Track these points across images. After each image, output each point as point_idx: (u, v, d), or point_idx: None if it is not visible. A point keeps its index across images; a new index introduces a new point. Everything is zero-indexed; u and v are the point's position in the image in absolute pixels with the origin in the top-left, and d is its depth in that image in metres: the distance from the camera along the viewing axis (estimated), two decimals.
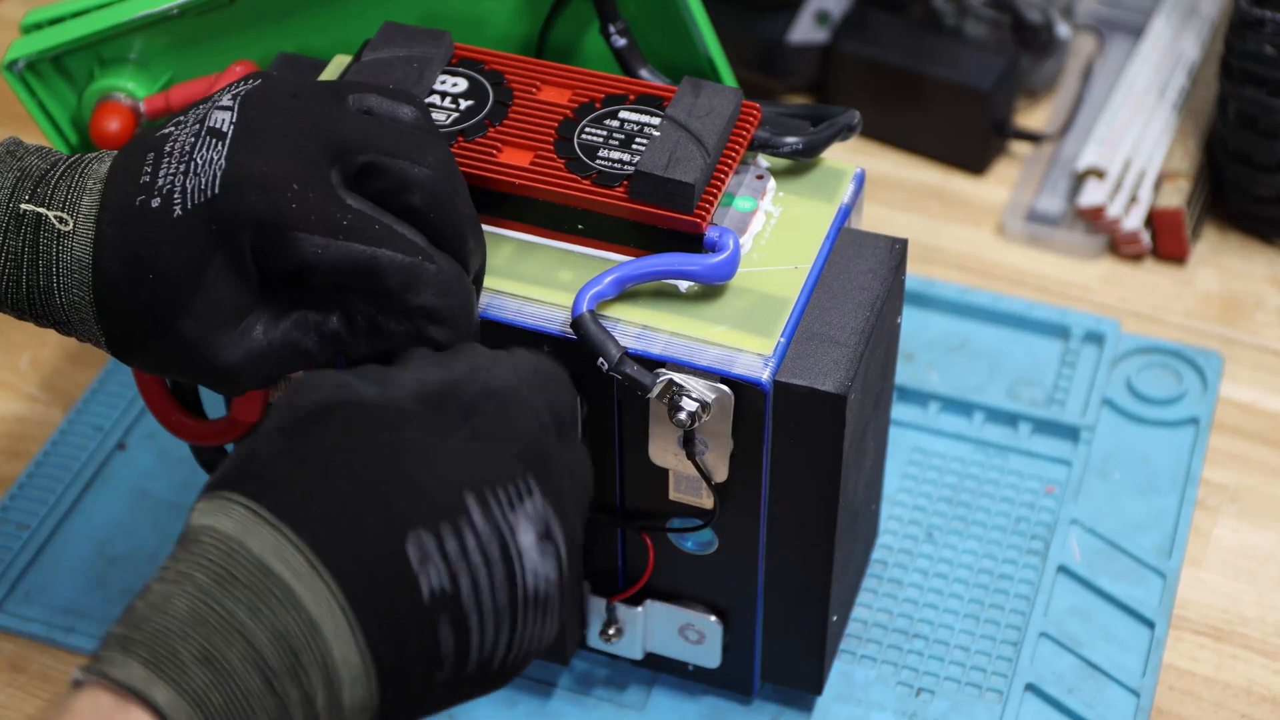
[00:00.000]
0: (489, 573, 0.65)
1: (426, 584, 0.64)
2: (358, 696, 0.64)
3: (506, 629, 0.66)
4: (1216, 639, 0.95)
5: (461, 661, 0.65)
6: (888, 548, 0.98)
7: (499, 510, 0.66)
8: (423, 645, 0.64)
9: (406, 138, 0.74)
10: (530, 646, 0.68)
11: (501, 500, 0.66)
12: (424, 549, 0.64)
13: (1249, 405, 1.06)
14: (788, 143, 0.84)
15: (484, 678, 0.67)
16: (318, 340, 0.74)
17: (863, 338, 0.79)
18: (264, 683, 0.61)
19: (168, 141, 0.73)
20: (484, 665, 0.66)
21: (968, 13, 1.20)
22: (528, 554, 0.66)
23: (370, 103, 0.76)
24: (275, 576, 0.62)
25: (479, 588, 0.65)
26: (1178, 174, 1.13)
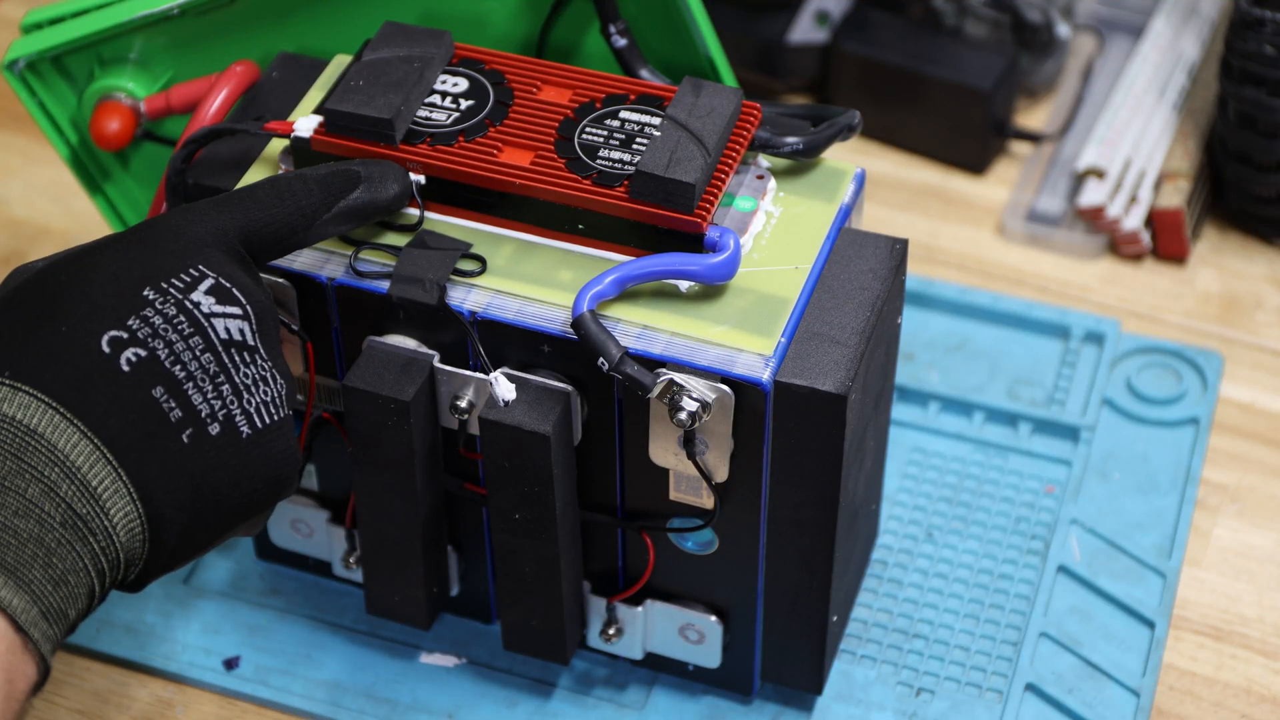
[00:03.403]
0: (179, 334, 0.70)
1: (126, 362, 0.68)
2: (102, 481, 0.67)
3: (223, 377, 0.70)
4: (1216, 639, 0.95)
5: (195, 418, 0.69)
6: (888, 548, 0.98)
7: (176, 292, 0.71)
8: (142, 407, 0.68)
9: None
10: (264, 398, 0.71)
11: (178, 285, 0.71)
12: (117, 339, 0.69)
13: (1249, 405, 1.06)
14: (788, 143, 0.84)
15: (241, 445, 0.71)
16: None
17: (863, 338, 0.79)
18: (58, 528, 0.67)
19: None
20: (229, 424, 0.70)
21: (968, 13, 1.20)
22: (209, 308, 0.71)
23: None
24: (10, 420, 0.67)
25: (175, 347, 0.69)
26: (1178, 174, 1.13)
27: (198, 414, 0.69)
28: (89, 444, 0.67)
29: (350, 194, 0.78)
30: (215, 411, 0.70)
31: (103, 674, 0.94)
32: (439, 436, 0.85)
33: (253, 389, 0.71)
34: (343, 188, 0.78)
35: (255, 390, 0.71)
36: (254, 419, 0.71)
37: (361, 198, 0.79)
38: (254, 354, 0.71)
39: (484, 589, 0.92)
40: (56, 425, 0.67)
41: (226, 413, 0.70)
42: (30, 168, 1.20)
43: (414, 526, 0.86)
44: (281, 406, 0.72)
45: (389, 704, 0.92)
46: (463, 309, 0.80)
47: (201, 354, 0.70)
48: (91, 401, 0.68)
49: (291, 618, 0.96)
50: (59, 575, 0.66)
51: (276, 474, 0.73)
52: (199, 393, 0.69)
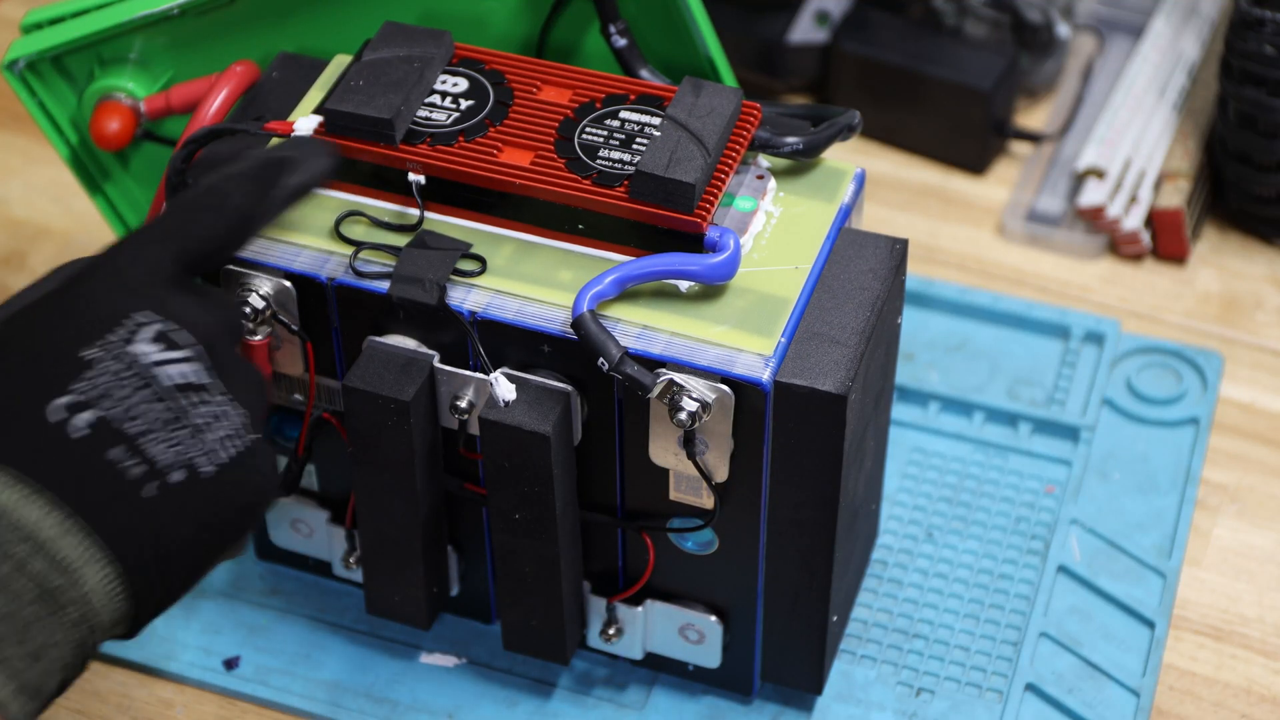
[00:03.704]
0: (128, 390, 0.69)
1: (81, 427, 0.67)
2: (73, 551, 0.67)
3: (179, 422, 0.69)
4: (1216, 639, 0.95)
5: (157, 471, 0.68)
6: (888, 548, 0.98)
7: (118, 347, 0.69)
8: (102, 470, 0.67)
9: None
10: (223, 433, 0.70)
11: (118, 339, 0.69)
12: (69, 405, 0.68)
13: (1249, 405, 1.06)
14: (788, 143, 0.84)
15: (207, 485, 0.70)
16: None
17: (863, 338, 0.79)
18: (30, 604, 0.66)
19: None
20: (191, 469, 0.69)
21: (968, 13, 1.20)
22: (153, 356, 0.70)
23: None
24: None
25: (125, 404, 0.68)
26: (1178, 174, 1.13)
27: (158, 466, 0.68)
28: (56, 515, 0.66)
29: (283, 179, 0.77)
30: (177, 460, 0.69)
31: (103, 674, 0.94)
32: (439, 436, 0.85)
33: (212, 426, 0.70)
34: (275, 175, 0.77)
35: (213, 427, 0.70)
36: (216, 455, 0.70)
37: (296, 180, 0.77)
38: (208, 391, 0.70)
39: (484, 589, 0.92)
40: (21, 500, 0.66)
41: (188, 458, 0.69)
42: (30, 168, 1.20)
43: (414, 526, 0.86)
44: (243, 436, 0.71)
45: (389, 704, 0.92)
46: (463, 309, 0.80)
47: (153, 404, 0.69)
48: (53, 472, 0.67)
49: (291, 618, 0.96)
50: (35, 650, 0.66)
51: (249, 501, 0.72)
52: (156, 444, 0.68)
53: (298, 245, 0.83)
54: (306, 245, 0.82)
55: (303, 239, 0.83)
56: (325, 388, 0.87)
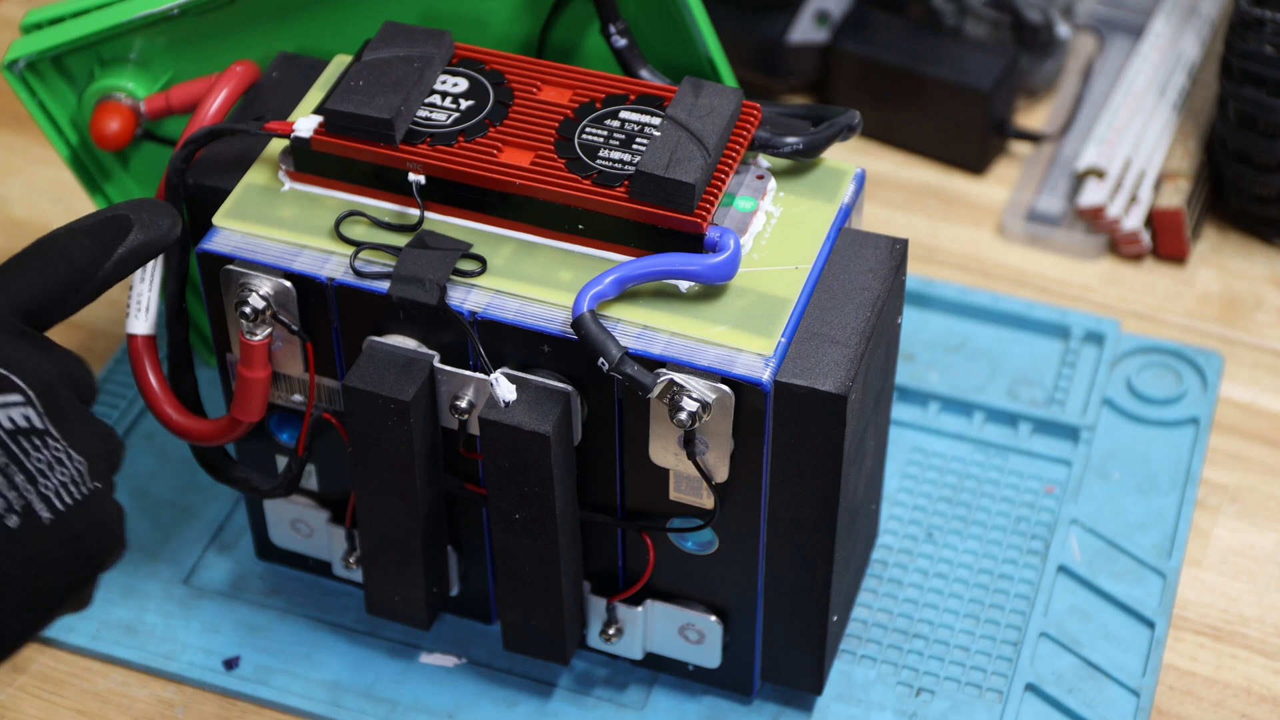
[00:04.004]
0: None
1: None
2: None
3: (14, 467, 0.68)
4: (1216, 639, 0.95)
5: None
6: (888, 548, 0.98)
7: None
8: None
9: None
10: (61, 479, 0.69)
11: None
12: None
13: (1249, 405, 1.06)
14: (788, 143, 0.84)
15: (44, 530, 0.68)
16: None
17: (863, 338, 0.79)
18: None
19: None
20: (28, 513, 0.68)
21: (968, 13, 1.20)
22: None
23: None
24: None
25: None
26: (1178, 174, 1.13)
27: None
28: None
29: (125, 239, 0.76)
30: (12, 504, 0.68)
31: (103, 674, 0.94)
32: (439, 436, 0.85)
33: (48, 473, 0.69)
34: (114, 235, 0.76)
35: (51, 473, 0.69)
36: (53, 502, 0.69)
37: (138, 239, 0.76)
38: (44, 436, 0.69)
39: (484, 589, 0.92)
40: None
41: (24, 503, 0.68)
42: (30, 168, 1.20)
43: (414, 526, 0.86)
44: (83, 483, 0.70)
45: (389, 704, 0.92)
46: (463, 309, 0.80)
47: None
48: None
49: (291, 618, 0.96)
50: None
51: (88, 549, 0.70)
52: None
53: (298, 245, 0.83)
54: (306, 245, 0.82)
55: (303, 239, 0.83)
56: (325, 388, 0.87)
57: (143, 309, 0.85)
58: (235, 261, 0.82)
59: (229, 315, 0.84)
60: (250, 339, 0.83)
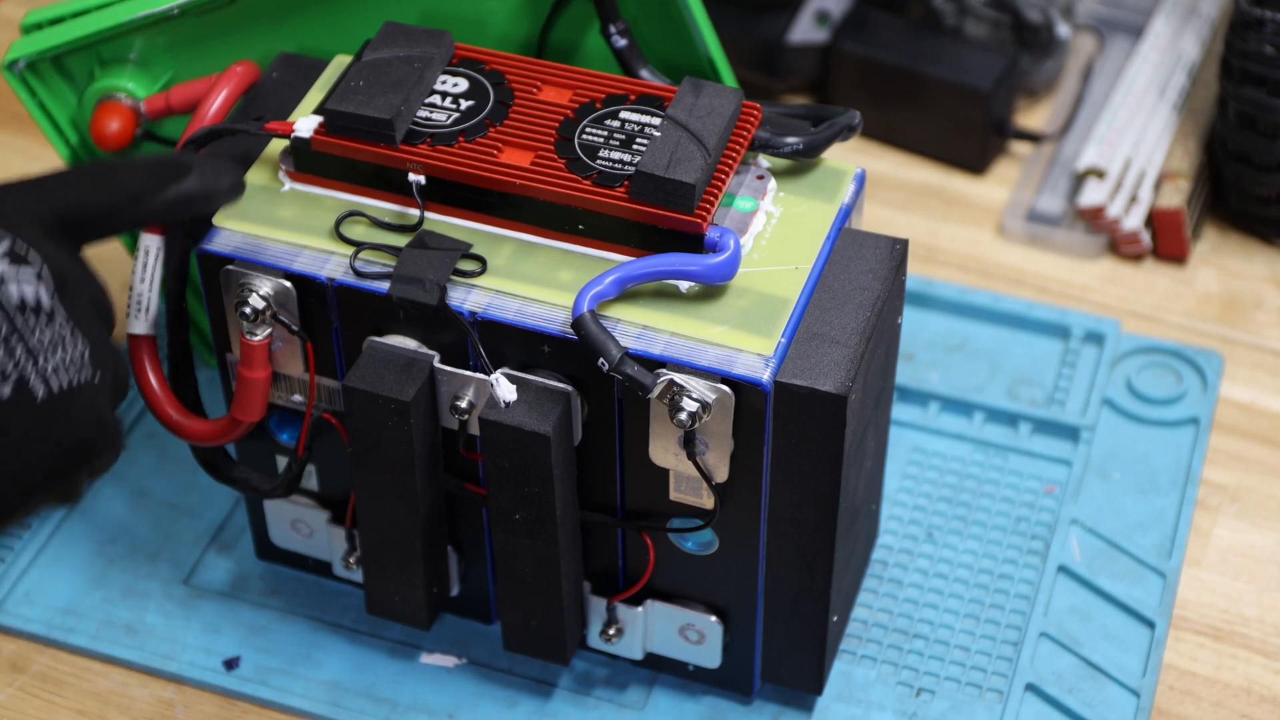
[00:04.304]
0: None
1: None
2: None
3: (15, 339, 0.69)
4: (1216, 639, 0.95)
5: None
6: (888, 548, 0.98)
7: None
8: None
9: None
10: (61, 360, 0.70)
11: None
12: None
13: (1249, 405, 1.06)
14: (788, 143, 0.84)
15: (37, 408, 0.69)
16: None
17: (863, 338, 0.79)
18: None
19: None
20: (21, 387, 0.69)
21: (968, 13, 1.20)
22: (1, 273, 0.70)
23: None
24: None
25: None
26: (1178, 174, 1.13)
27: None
28: None
29: (179, 183, 0.77)
30: (7, 374, 0.69)
31: (103, 674, 0.94)
32: (439, 437, 0.85)
33: (49, 351, 0.70)
34: (170, 175, 0.77)
35: (52, 353, 0.70)
36: (50, 382, 0.70)
37: (192, 187, 0.77)
38: (51, 317, 0.70)
39: (484, 589, 0.92)
40: None
41: (19, 376, 0.69)
42: (30, 168, 1.20)
43: (414, 527, 0.86)
44: (83, 369, 0.71)
45: (389, 704, 0.92)
46: (463, 309, 0.80)
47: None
48: None
49: (292, 618, 0.96)
50: None
51: (77, 437, 0.71)
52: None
53: (298, 245, 0.83)
54: (306, 245, 0.82)
55: (303, 239, 0.83)
56: (325, 388, 0.87)
57: (143, 309, 0.85)
58: (235, 261, 0.82)
59: (229, 315, 0.84)
60: (250, 339, 0.83)
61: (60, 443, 0.71)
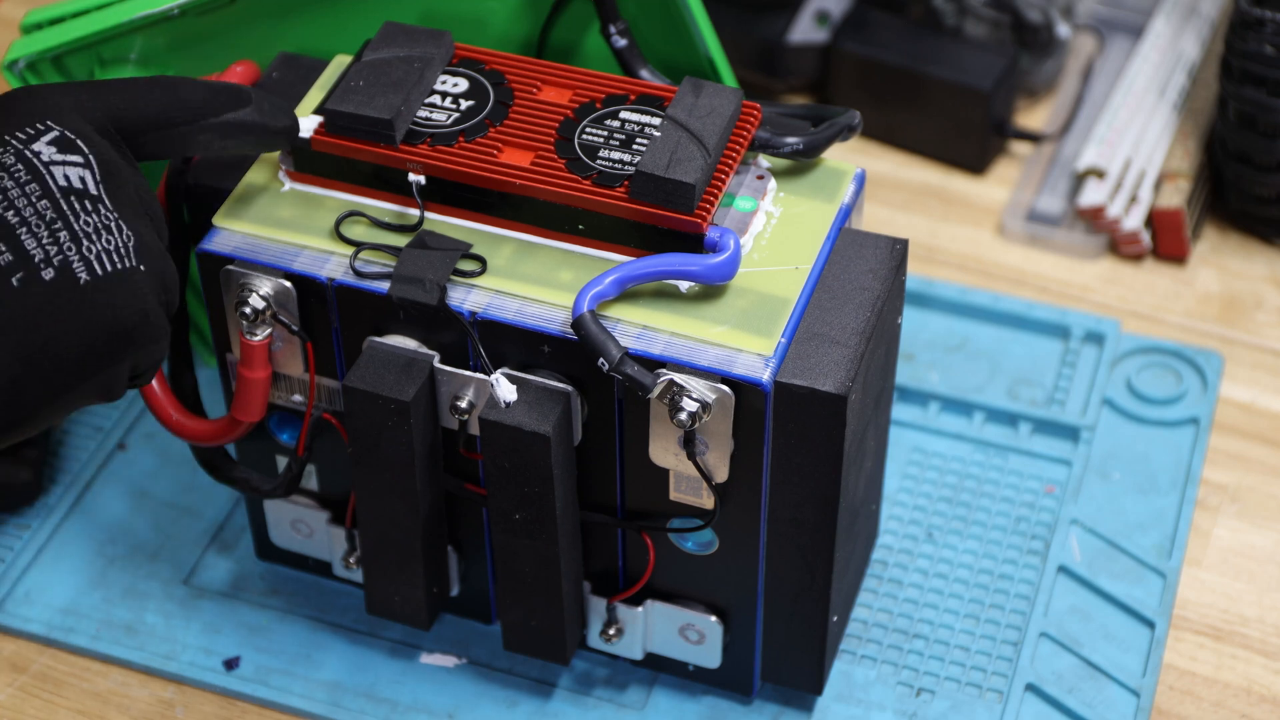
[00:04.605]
0: (15, 181, 0.70)
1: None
2: None
3: (60, 224, 0.70)
4: (1216, 639, 0.95)
5: (27, 262, 0.69)
6: (888, 548, 0.98)
7: (18, 143, 0.71)
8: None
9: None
10: (105, 246, 0.71)
11: (20, 137, 0.71)
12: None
13: (1249, 405, 1.06)
14: (788, 143, 0.84)
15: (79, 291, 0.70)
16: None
17: (863, 338, 0.79)
18: None
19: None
20: (65, 270, 0.69)
21: (968, 13, 1.20)
22: (49, 156, 0.71)
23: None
24: None
25: (9, 194, 0.69)
26: (1178, 174, 1.13)
27: (30, 258, 0.69)
28: None
29: (237, 110, 0.78)
30: (50, 256, 0.69)
31: (103, 674, 0.94)
32: (439, 437, 0.85)
33: (94, 237, 0.70)
34: (230, 101, 0.78)
35: (96, 238, 0.70)
36: (94, 266, 0.70)
37: (250, 116, 0.78)
38: (96, 203, 0.71)
39: (484, 589, 0.92)
40: None
41: (63, 258, 0.70)
42: None
43: (414, 527, 0.86)
44: (127, 256, 0.71)
45: (389, 704, 0.92)
46: (463, 309, 0.80)
47: (38, 200, 0.70)
48: None
49: (291, 618, 0.96)
50: None
51: (119, 323, 0.71)
52: (32, 238, 0.69)
53: (298, 245, 0.83)
54: (306, 245, 0.82)
55: (303, 239, 0.83)
56: (325, 388, 0.87)
57: None
58: (235, 262, 0.82)
59: (229, 315, 0.84)
60: (250, 339, 0.83)
61: (98, 326, 0.71)
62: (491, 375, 0.80)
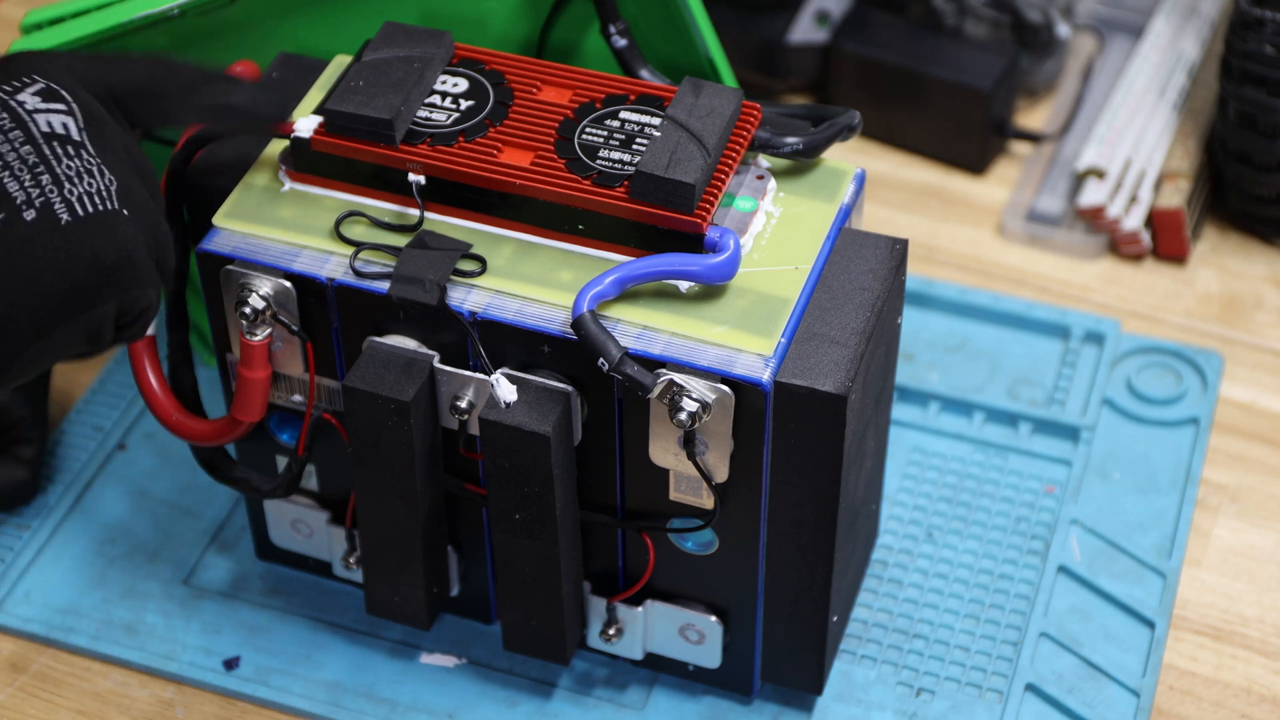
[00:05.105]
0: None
1: None
2: None
3: (42, 168, 0.71)
4: (1216, 639, 0.95)
5: (8, 203, 0.70)
6: (888, 548, 0.98)
7: (3, 95, 0.73)
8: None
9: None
10: (86, 189, 0.72)
11: (7, 89, 0.73)
12: None
13: (1249, 405, 1.06)
14: (788, 143, 0.84)
15: (60, 230, 0.71)
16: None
17: (863, 338, 0.79)
18: None
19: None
20: (46, 211, 0.71)
21: (968, 13, 1.20)
22: (33, 105, 0.72)
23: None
24: None
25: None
26: (1178, 174, 1.13)
27: (11, 200, 0.70)
28: None
29: (229, 94, 0.79)
30: (32, 198, 0.71)
31: (103, 674, 0.94)
32: (439, 437, 0.85)
33: (75, 180, 0.72)
34: (223, 88, 0.79)
35: (78, 181, 0.72)
36: (75, 207, 0.71)
37: (241, 100, 0.79)
38: (79, 148, 0.72)
39: (484, 589, 0.92)
40: None
41: (44, 200, 0.71)
42: None
43: (414, 527, 0.86)
44: (110, 199, 0.73)
45: (389, 704, 0.92)
46: (463, 309, 0.80)
47: (20, 145, 0.71)
48: None
49: (291, 618, 0.96)
50: None
51: (100, 259, 0.72)
52: (14, 180, 0.71)
53: (298, 245, 0.83)
54: (306, 245, 0.82)
55: (303, 239, 0.83)
56: (325, 388, 0.87)
57: None
58: (235, 262, 0.82)
59: (229, 315, 0.84)
60: (250, 339, 0.83)
61: (80, 264, 0.72)
62: (491, 375, 0.80)
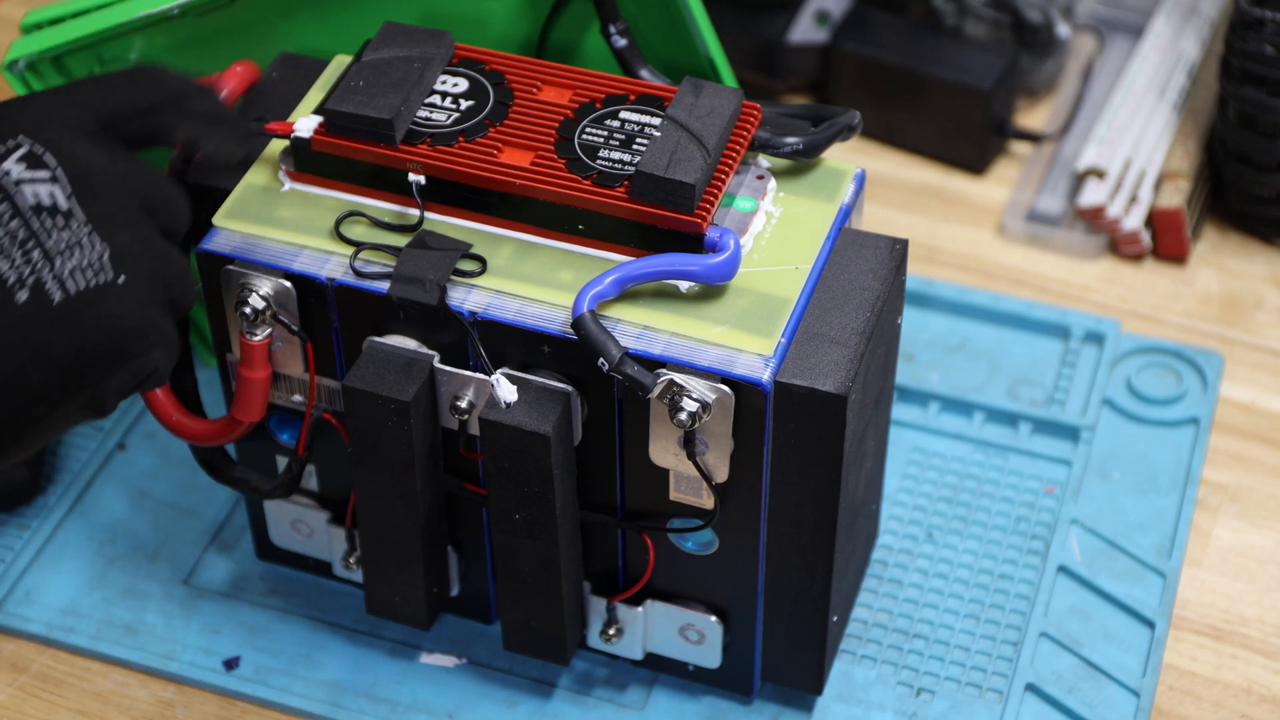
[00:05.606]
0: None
1: None
2: None
3: (31, 244, 0.69)
4: (1216, 639, 0.95)
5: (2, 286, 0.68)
6: (888, 548, 0.98)
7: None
8: None
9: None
10: (79, 263, 0.70)
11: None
12: None
13: (1249, 405, 1.06)
14: (788, 143, 0.84)
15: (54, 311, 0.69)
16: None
17: (863, 338, 0.79)
18: None
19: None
20: (38, 291, 0.69)
21: (968, 13, 1.20)
22: (17, 175, 0.70)
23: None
24: None
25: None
26: (1178, 174, 1.13)
27: (4, 281, 0.69)
28: None
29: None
30: (23, 278, 0.69)
31: (103, 674, 0.94)
32: (439, 437, 0.85)
33: (66, 254, 0.70)
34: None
35: (69, 256, 0.70)
36: (66, 285, 0.70)
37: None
38: (68, 218, 0.70)
39: (484, 589, 0.92)
40: None
41: (36, 279, 0.69)
42: None
43: (414, 527, 0.86)
44: (102, 272, 0.71)
45: (389, 704, 0.92)
46: (463, 309, 0.80)
47: (9, 221, 0.69)
48: None
49: (291, 618, 0.96)
50: None
51: (102, 339, 0.71)
52: (5, 260, 0.69)
53: (298, 245, 0.83)
54: (306, 245, 0.82)
55: (303, 239, 0.83)
56: (325, 388, 0.87)
57: None
58: (235, 262, 0.82)
59: (229, 315, 0.84)
60: (250, 339, 0.83)
61: (81, 344, 0.70)
62: (491, 375, 0.80)
